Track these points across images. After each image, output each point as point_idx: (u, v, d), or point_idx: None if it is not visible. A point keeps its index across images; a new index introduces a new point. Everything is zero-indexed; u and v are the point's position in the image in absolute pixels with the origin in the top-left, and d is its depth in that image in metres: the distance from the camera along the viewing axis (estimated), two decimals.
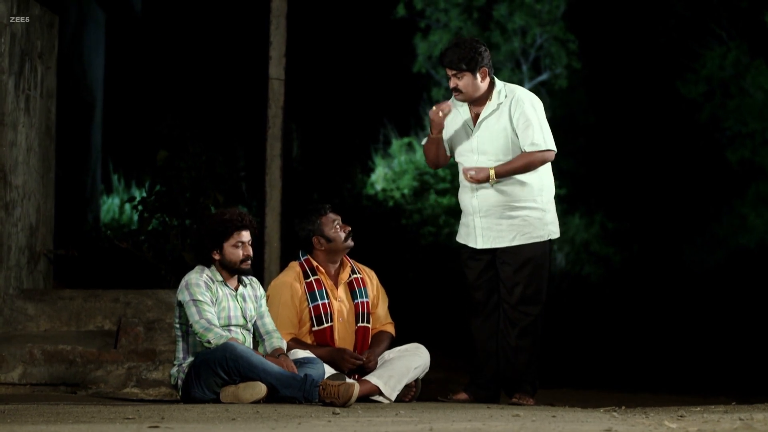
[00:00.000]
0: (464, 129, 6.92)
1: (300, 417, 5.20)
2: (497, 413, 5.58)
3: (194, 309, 6.28)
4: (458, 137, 6.94)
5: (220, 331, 6.24)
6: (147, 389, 7.46)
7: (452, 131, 6.98)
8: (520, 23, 18.56)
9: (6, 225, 7.77)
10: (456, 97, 6.91)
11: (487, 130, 6.85)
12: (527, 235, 6.84)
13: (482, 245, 6.89)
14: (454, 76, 6.85)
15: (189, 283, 6.36)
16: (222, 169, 8.89)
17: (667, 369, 13.22)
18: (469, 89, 6.86)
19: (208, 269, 6.46)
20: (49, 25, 8.41)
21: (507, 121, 6.82)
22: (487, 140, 6.84)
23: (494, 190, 6.83)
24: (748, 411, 5.56)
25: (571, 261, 17.97)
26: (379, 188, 17.42)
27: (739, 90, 17.84)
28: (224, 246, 6.41)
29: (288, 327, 6.71)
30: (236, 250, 6.41)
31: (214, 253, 6.43)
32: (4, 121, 7.78)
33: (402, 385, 6.65)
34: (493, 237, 6.86)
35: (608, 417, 5.40)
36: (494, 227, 6.84)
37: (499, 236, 6.85)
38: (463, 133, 6.93)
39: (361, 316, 6.81)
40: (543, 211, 6.87)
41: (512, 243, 6.83)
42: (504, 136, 6.82)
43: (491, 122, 6.85)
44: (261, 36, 8.50)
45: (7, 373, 7.45)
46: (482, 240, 6.88)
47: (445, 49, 6.93)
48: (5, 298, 7.79)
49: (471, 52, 6.81)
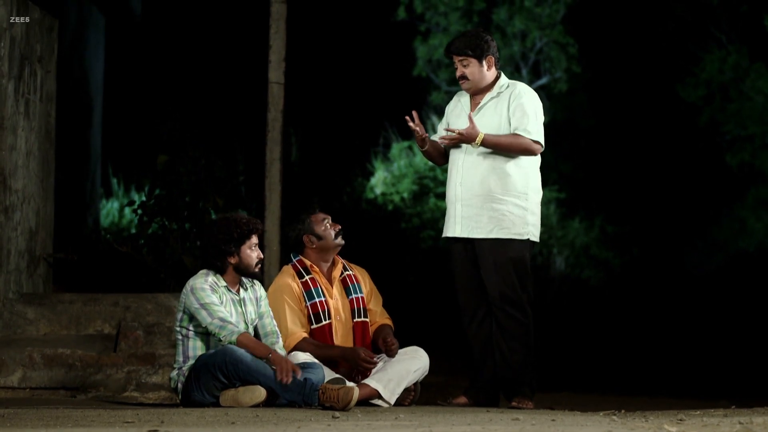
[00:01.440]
0: (463, 119, 6.91)
1: (299, 421, 5.20)
2: (497, 417, 5.58)
3: (205, 313, 6.28)
4: (454, 126, 6.93)
5: (233, 326, 6.24)
6: (147, 393, 7.45)
7: (453, 121, 6.98)
8: (520, 27, 18.58)
9: (6, 229, 7.78)
10: (462, 85, 6.92)
11: (484, 117, 6.84)
12: (506, 230, 6.78)
13: (460, 233, 6.84)
14: (460, 63, 6.87)
15: (194, 288, 6.35)
16: (222, 172, 8.89)
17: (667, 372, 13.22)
18: (475, 76, 6.86)
19: (213, 275, 6.45)
20: (48, 29, 8.41)
21: (504, 109, 6.82)
22: (481, 127, 6.82)
23: (479, 180, 6.81)
24: (747, 415, 5.56)
25: (571, 265, 17.97)
26: (378, 192, 17.42)
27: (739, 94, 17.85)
28: (241, 249, 6.42)
29: (299, 328, 6.70)
30: (252, 253, 6.44)
31: (231, 257, 6.43)
32: (4, 125, 7.78)
33: (401, 388, 6.65)
34: (472, 226, 6.81)
35: (608, 421, 5.40)
36: (474, 216, 6.80)
37: (478, 226, 6.80)
38: (459, 123, 6.92)
39: (357, 311, 6.82)
40: (525, 210, 6.82)
41: (489, 235, 6.78)
42: (498, 124, 6.81)
43: (489, 109, 6.86)
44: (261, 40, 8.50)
45: (6, 377, 7.45)
46: (460, 228, 6.84)
47: (452, 39, 6.96)
48: (5, 302, 7.79)
49: (477, 40, 6.84)
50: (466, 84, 6.88)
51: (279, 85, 8.29)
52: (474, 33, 6.91)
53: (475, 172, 6.82)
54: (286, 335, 6.62)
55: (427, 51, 18.61)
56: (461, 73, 6.88)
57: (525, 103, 6.82)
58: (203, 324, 6.28)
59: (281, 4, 8.31)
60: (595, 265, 18.04)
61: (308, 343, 6.66)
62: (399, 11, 18.69)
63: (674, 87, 18.11)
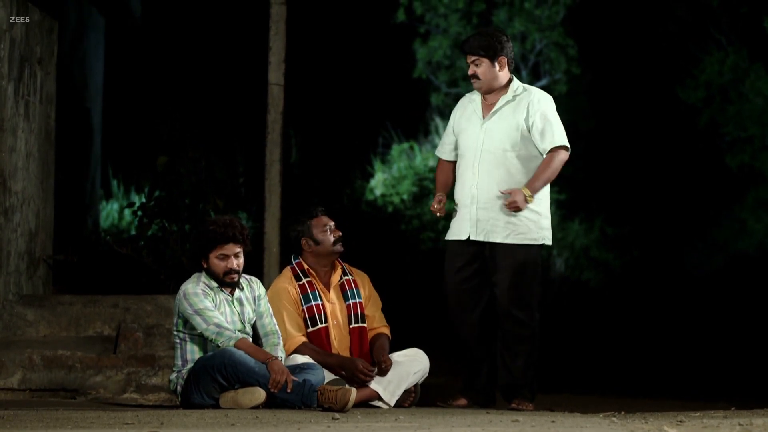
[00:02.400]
0: (474, 121, 6.91)
1: (299, 422, 5.20)
2: (496, 418, 5.58)
3: (199, 319, 6.27)
4: (466, 130, 6.93)
5: (230, 332, 6.23)
6: (146, 395, 7.45)
7: (464, 126, 6.97)
8: (519, 28, 18.57)
9: (5, 230, 7.77)
10: (473, 84, 6.92)
11: (500, 121, 6.83)
12: (522, 236, 6.80)
13: (474, 237, 6.83)
14: (473, 63, 6.86)
15: (186, 293, 6.34)
16: (221, 174, 8.89)
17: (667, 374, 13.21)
18: (487, 76, 6.85)
19: (204, 277, 6.44)
20: (48, 31, 8.41)
21: (522, 115, 6.81)
22: (496, 131, 6.82)
23: (496, 184, 6.81)
24: (747, 416, 5.56)
25: (571, 266, 17.96)
26: (378, 194, 17.42)
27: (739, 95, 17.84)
28: (209, 256, 6.39)
29: (297, 332, 6.69)
30: (219, 263, 6.37)
31: (203, 261, 6.43)
32: (4, 127, 7.78)
33: (401, 390, 6.65)
34: (487, 230, 6.81)
35: (608, 422, 5.40)
36: (491, 220, 6.80)
37: (494, 230, 6.80)
38: (471, 126, 6.92)
39: (354, 317, 6.80)
40: (539, 215, 6.85)
41: (506, 240, 6.79)
42: (515, 129, 6.81)
43: (505, 112, 6.84)
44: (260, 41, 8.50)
45: (6, 378, 7.45)
46: (475, 231, 6.83)
47: (467, 37, 6.95)
48: (4, 303, 7.79)
49: (491, 40, 6.82)
50: (477, 83, 6.88)
51: (279, 86, 8.29)
52: (489, 32, 6.89)
53: (491, 176, 6.83)
54: (285, 339, 6.61)
55: (426, 53, 18.60)
56: (473, 72, 6.87)
57: (547, 112, 6.85)
58: (199, 330, 6.27)
59: (281, 6, 8.31)
60: (595, 266, 18.03)
61: (307, 348, 6.65)
62: (399, 13, 18.67)
63: (674, 88, 18.10)
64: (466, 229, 6.86)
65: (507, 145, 6.81)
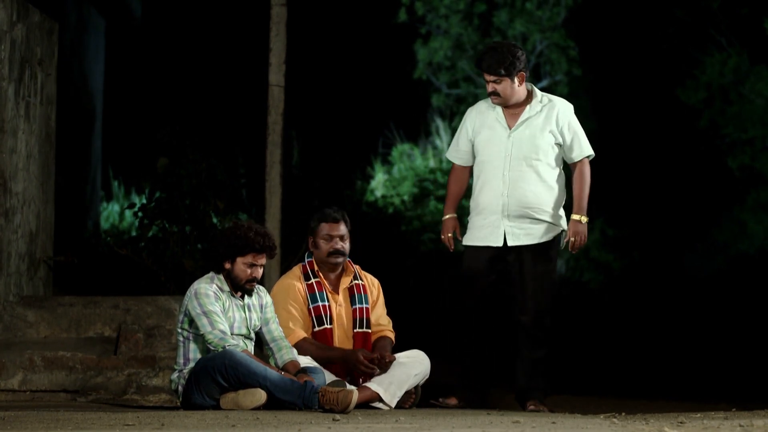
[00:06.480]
0: (498, 130, 6.95)
1: (300, 423, 5.20)
2: (497, 419, 5.58)
3: (206, 320, 6.26)
4: (489, 139, 6.97)
5: (234, 342, 6.23)
6: (147, 396, 7.45)
7: (485, 134, 6.99)
8: (520, 30, 18.57)
9: (6, 232, 7.77)
10: (493, 101, 6.96)
11: (529, 129, 6.90)
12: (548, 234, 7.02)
13: (511, 243, 6.94)
14: (493, 82, 6.88)
15: (198, 292, 6.33)
16: (222, 175, 8.89)
17: (667, 375, 13.21)
18: (507, 93, 6.91)
19: (218, 278, 6.44)
20: (48, 32, 8.41)
21: (554, 124, 6.93)
22: (525, 140, 6.89)
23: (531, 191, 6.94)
24: (748, 417, 5.56)
25: (571, 267, 17.96)
26: (378, 195, 17.42)
27: (739, 96, 17.84)
28: (237, 260, 6.39)
29: (298, 327, 6.69)
30: (246, 269, 6.38)
31: (226, 262, 6.41)
32: (4, 128, 7.78)
33: (402, 391, 6.65)
34: (523, 234, 6.94)
35: (608, 423, 5.40)
36: (524, 226, 6.93)
37: (529, 233, 6.94)
38: (496, 135, 6.96)
39: (359, 321, 6.81)
40: (560, 218, 7.06)
41: (541, 240, 6.94)
42: (543, 139, 6.91)
43: (534, 121, 6.92)
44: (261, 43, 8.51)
45: (6, 379, 7.45)
46: (512, 238, 6.93)
47: (482, 53, 6.96)
48: (5, 304, 7.79)
49: (509, 57, 6.83)
50: (498, 100, 6.97)
51: (279, 88, 8.29)
52: (505, 49, 6.88)
53: (524, 184, 6.92)
54: (286, 334, 6.62)
55: (427, 54, 18.60)
56: (493, 89, 6.92)
57: (573, 122, 7.00)
58: (202, 331, 6.26)
59: (281, 7, 8.32)
60: (596, 268, 18.03)
61: (309, 342, 6.66)
62: (400, 14, 18.67)
63: (674, 90, 18.10)
64: (498, 236, 6.92)
65: (536, 154, 6.95)
